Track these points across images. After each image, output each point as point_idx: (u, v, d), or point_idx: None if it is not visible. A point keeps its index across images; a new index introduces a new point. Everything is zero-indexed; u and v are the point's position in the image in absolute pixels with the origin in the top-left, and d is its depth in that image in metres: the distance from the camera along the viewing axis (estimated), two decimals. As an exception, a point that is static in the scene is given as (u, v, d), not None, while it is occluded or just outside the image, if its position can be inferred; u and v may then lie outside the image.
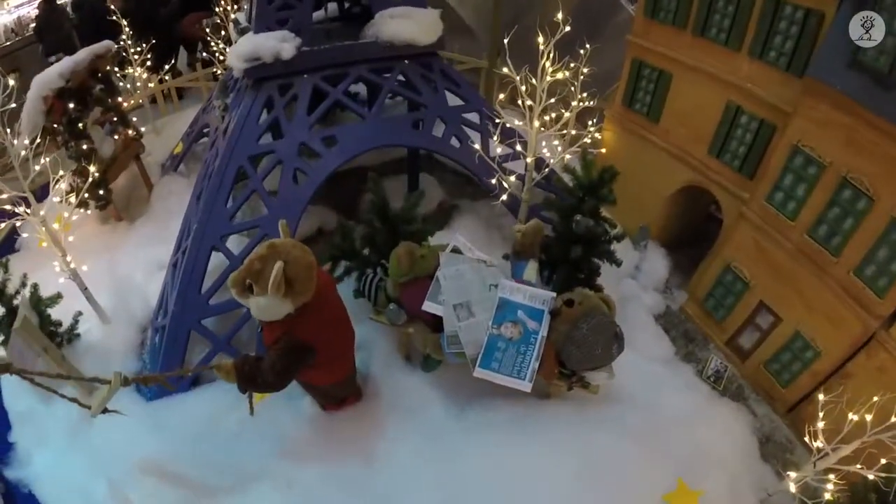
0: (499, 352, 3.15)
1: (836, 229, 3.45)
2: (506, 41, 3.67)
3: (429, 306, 3.31)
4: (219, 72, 6.56)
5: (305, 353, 2.91)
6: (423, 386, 3.67)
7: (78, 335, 4.08)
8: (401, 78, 4.39)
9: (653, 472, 3.30)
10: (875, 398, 2.79)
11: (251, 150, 3.95)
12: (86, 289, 4.09)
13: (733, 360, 4.08)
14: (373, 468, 3.32)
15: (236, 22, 4.70)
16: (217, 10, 6.29)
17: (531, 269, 3.49)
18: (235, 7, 6.09)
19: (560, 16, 3.51)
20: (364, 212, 3.92)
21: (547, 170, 4.09)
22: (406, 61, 4.39)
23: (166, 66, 6.77)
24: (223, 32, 6.28)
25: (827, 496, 2.92)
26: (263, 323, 2.92)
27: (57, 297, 3.92)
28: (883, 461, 2.75)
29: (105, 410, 2.76)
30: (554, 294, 3.29)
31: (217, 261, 3.87)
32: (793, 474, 3.12)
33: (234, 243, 3.98)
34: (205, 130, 5.55)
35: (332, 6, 4.97)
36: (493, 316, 3.22)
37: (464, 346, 3.19)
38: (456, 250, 3.48)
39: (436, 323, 3.36)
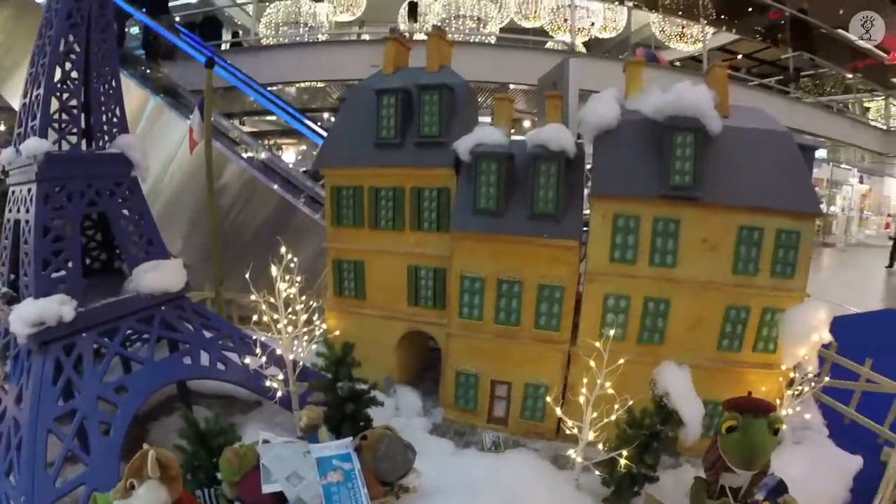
0: (335, 495, 3.88)
1: (509, 310, 5.17)
2: (247, 275, 4.87)
3: (268, 488, 3.87)
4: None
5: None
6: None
7: None
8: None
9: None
10: (585, 380, 4.28)
11: (55, 412, 3.99)
12: None
13: (500, 428, 5.34)
14: None
15: None
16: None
17: (323, 433, 4.36)
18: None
19: (283, 249, 4.78)
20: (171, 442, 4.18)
21: (301, 364, 5.07)
22: (163, 307, 5.01)
23: None
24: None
25: (601, 447, 4.27)
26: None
27: None
28: (616, 406, 4.21)
29: None
30: (351, 438, 4.24)
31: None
32: (572, 452, 4.43)
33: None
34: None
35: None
36: (318, 472, 3.98)
37: (308, 503, 3.83)
38: (266, 441, 4.18)
39: (276, 501, 3.88)
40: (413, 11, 16.37)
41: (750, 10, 24.71)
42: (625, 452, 4.12)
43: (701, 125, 4.65)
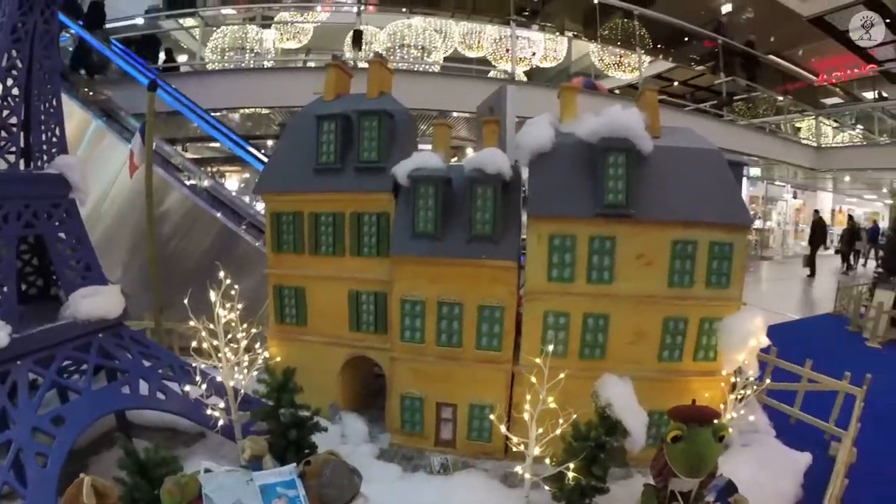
0: (281, 522, 3.79)
1: (451, 332, 5.18)
2: (186, 301, 4.66)
3: None
4: None
5: None
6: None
7: None
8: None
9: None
10: (528, 395, 4.30)
11: (-10, 441, 3.82)
12: None
13: (448, 451, 5.32)
14: None
15: None
16: None
17: (268, 463, 4.27)
18: None
19: (222, 273, 4.68)
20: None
21: (243, 392, 4.96)
22: (101, 335, 4.87)
23: None
24: None
25: (548, 462, 4.32)
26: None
27: None
28: (561, 421, 4.27)
29: None
30: (294, 464, 4.11)
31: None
32: (519, 469, 4.41)
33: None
34: None
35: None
36: (262, 500, 3.85)
37: None
38: (208, 470, 4.02)
39: None
40: (358, 39, 16.45)
41: (686, 39, 25.76)
42: (572, 465, 4.14)
43: (632, 145, 4.82)
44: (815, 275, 20.40)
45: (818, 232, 21.37)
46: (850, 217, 25.34)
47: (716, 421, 3.70)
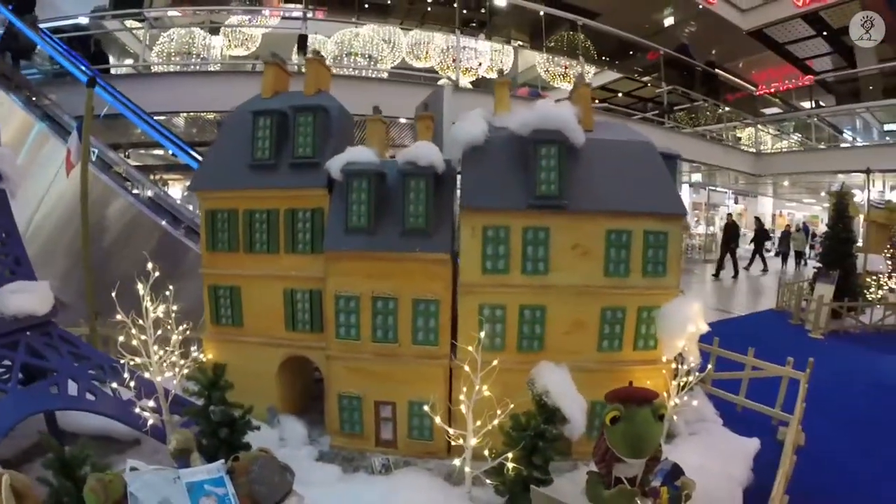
0: (209, 521, 3.66)
1: (386, 328, 5.12)
2: (113, 294, 4.63)
3: None
4: None
5: None
6: None
7: None
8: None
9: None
10: (464, 387, 4.33)
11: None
12: None
13: (389, 451, 5.22)
14: None
15: None
16: None
17: (196, 458, 4.11)
18: None
19: (150, 265, 4.64)
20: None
21: (173, 392, 4.82)
22: (29, 332, 4.66)
23: None
24: None
25: (486, 454, 4.31)
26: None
27: None
28: (500, 412, 4.30)
29: None
30: (223, 461, 3.96)
31: None
32: (458, 461, 4.41)
33: None
34: None
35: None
36: (189, 498, 3.70)
37: None
38: (134, 468, 3.86)
39: None
40: (303, 44, 16.34)
41: (630, 52, 26.46)
42: (511, 455, 4.12)
43: (564, 137, 4.88)
44: (736, 275, 21.09)
45: (730, 234, 21.93)
46: (758, 219, 26.30)
47: (654, 400, 3.72)
